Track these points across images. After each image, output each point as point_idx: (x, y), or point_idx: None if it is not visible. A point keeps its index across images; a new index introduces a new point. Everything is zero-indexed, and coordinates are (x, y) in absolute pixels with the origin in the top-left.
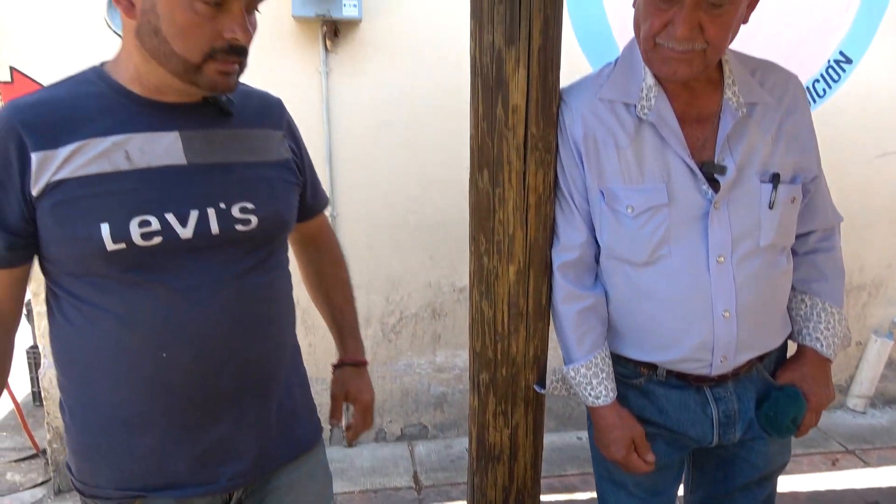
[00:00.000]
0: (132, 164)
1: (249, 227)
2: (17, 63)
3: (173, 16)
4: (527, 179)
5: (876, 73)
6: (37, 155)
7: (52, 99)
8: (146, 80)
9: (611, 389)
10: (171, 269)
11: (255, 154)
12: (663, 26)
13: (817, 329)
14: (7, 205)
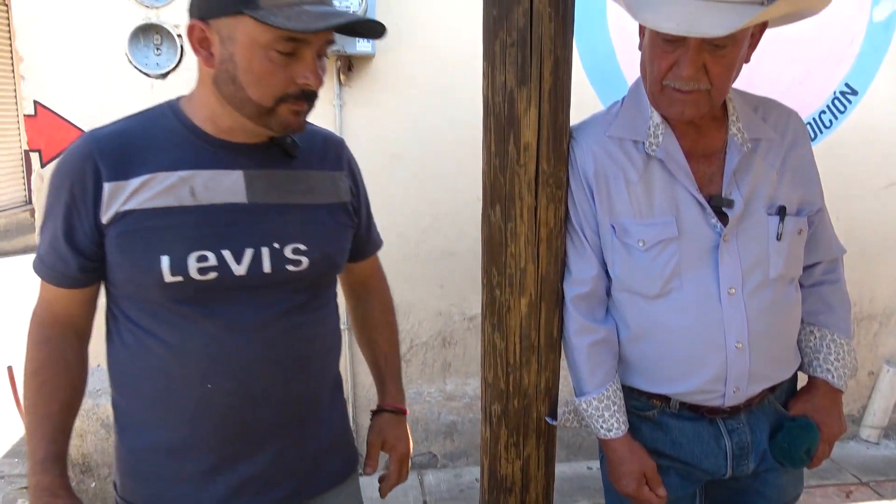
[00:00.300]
0: (196, 199)
1: (300, 267)
2: (41, 97)
3: (250, 65)
4: (538, 214)
5: (881, 105)
6: (109, 185)
7: (127, 131)
8: (219, 122)
9: (622, 422)
10: (221, 304)
11: (313, 196)
12: (669, 68)
13: (827, 360)
14: (81, 229)
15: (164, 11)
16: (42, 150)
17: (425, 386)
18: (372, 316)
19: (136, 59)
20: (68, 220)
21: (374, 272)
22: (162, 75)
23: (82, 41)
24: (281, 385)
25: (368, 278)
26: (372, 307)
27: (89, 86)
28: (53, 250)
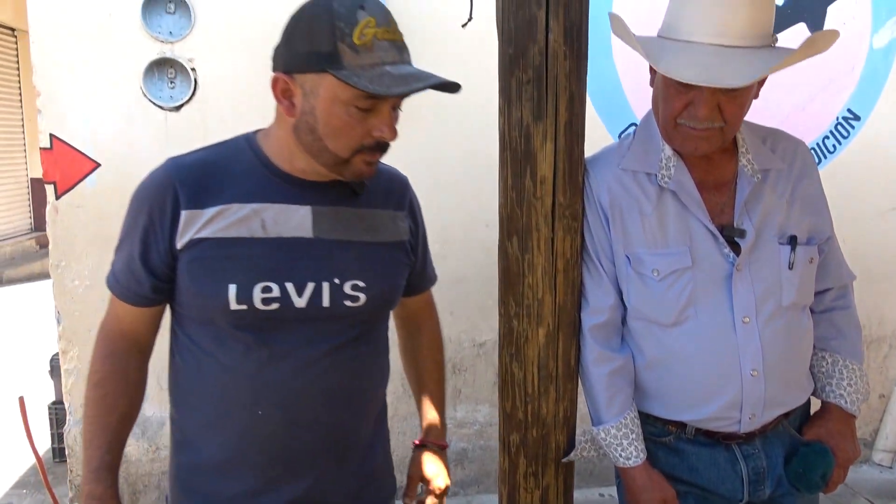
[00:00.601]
0: (266, 232)
1: (357, 303)
2: (56, 131)
3: (330, 119)
4: (555, 245)
5: (884, 129)
6: (186, 212)
7: (206, 161)
8: (294, 162)
9: (640, 450)
10: (278, 334)
11: (375, 234)
12: (684, 107)
13: (840, 385)
14: (157, 252)
15: (178, 46)
16: (57, 182)
17: None
18: (421, 354)
19: (150, 92)
20: (145, 243)
21: (426, 307)
22: (176, 108)
23: (98, 75)
24: (327, 415)
25: (420, 314)
26: (421, 344)
27: (105, 119)
28: (128, 269)
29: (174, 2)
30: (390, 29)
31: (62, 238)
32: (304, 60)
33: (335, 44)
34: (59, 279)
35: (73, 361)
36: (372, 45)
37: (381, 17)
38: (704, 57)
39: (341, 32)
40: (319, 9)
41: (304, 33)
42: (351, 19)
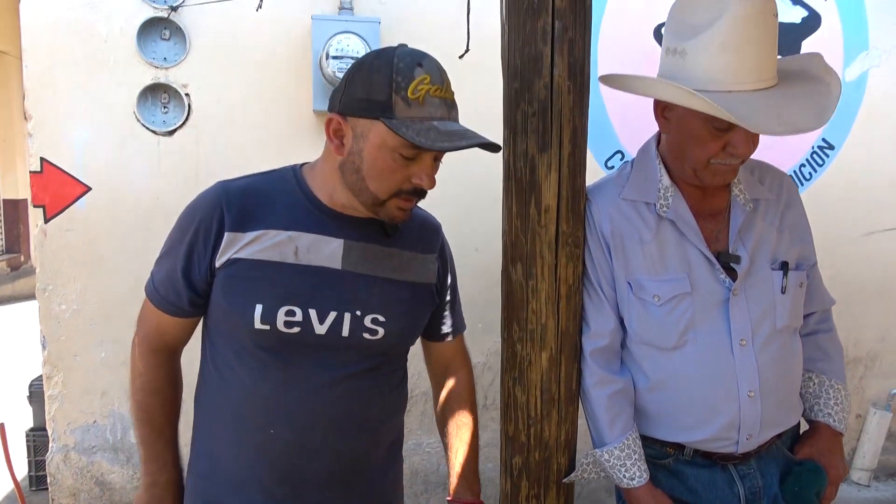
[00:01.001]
0: (297, 258)
1: (376, 337)
2: (47, 154)
3: (375, 162)
4: (558, 272)
5: (857, 158)
6: (228, 234)
7: (254, 188)
8: (335, 197)
9: (644, 470)
10: (297, 357)
11: (402, 273)
12: (721, 148)
13: (827, 405)
14: (198, 268)
15: (172, 71)
16: (47, 206)
17: (425, 437)
18: (452, 411)
19: (143, 116)
20: (189, 258)
21: (459, 356)
22: (169, 132)
23: (92, 100)
24: (337, 441)
25: (450, 364)
26: (451, 401)
27: (98, 143)
28: (169, 282)
29: (169, 28)
30: (443, 87)
31: (49, 262)
32: (359, 106)
33: (391, 95)
34: (46, 303)
35: (58, 387)
36: (424, 100)
37: (436, 76)
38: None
39: (398, 85)
40: (381, 61)
41: (364, 81)
42: (408, 74)
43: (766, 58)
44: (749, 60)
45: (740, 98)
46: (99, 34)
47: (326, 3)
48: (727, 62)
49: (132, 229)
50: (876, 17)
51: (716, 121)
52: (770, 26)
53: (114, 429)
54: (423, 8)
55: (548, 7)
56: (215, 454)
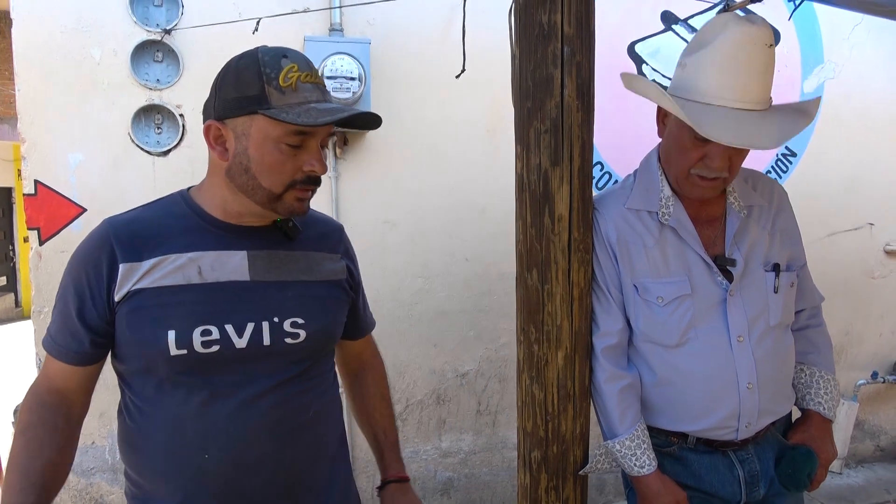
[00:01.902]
0: (202, 278)
1: (298, 340)
2: (41, 177)
3: (262, 157)
4: (571, 276)
5: (817, 164)
6: (124, 266)
7: (142, 218)
8: (229, 208)
9: (652, 459)
10: (220, 375)
11: (311, 274)
12: (699, 159)
13: (818, 394)
14: (94, 307)
15: (165, 93)
16: (41, 228)
17: (421, 444)
18: (368, 391)
19: (138, 137)
20: (81, 299)
21: (368, 347)
22: (163, 152)
23: (86, 122)
24: (275, 453)
25: (362, 354)
26: (367, 382)
27: (92, 164)
28: (66, 328)
29: (162, 50)
30: (311, 73)
31: (45, 284)
32: (234, 105)
33: (263, 87)
34: (42, 325)
35: None
36: (296, 86)
37: (303, 64)
38: (735, 121)
39: (268, 77)
40: (246, 60)
41: (234, 81)
42: (276, 66)
43: (752, 81)
44: (734, 80)
45: (714, 110)
46: (92, 57)
47: (317, 25)
48: (713, 78)
49: None
50: (829, 33)
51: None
52: (761, 54)
53: (112, 449)
54: (409, 27)
55: (557, 33)
56: (153, 493)
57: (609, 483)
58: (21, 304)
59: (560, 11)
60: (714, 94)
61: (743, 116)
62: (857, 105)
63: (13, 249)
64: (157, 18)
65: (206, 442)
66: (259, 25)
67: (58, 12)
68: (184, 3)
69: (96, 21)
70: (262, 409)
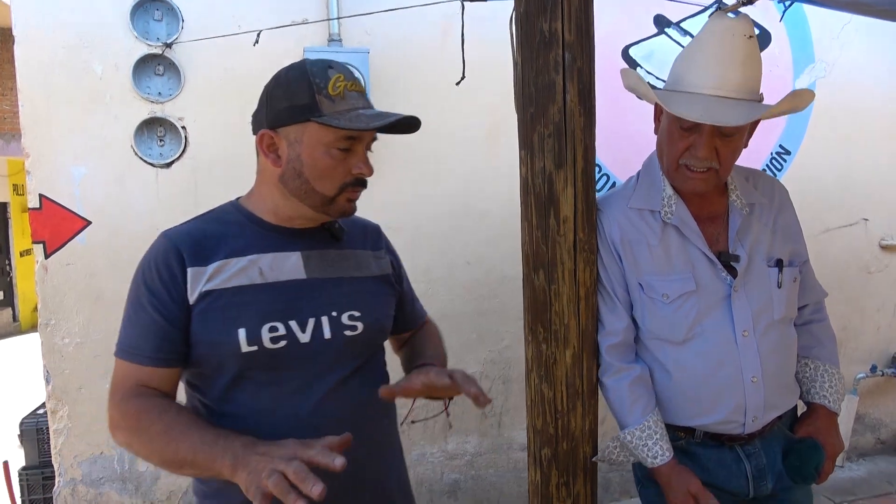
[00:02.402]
0: (264, 278)
1: (356, 332)
2: (46, 191)
3: (315, 161)
4: (577, 276)
5: (811, 161)
6: (191, 269)
7: (198, 228)
8: (281, 212)
9: (666, 449)
10: (289, 372)
11: (360, 270)
12: (686, 149)
13: (823, 388)
14: (176, 308)
15: (168, 105)
16: (47, 241)
17: (427, 447)
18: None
19: (140, 150)
20: (163, 302)
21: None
22: (166, 164)
23: (89, 135)
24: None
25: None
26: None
27: (96, 177)
28: (153, 335)
29: (163, 64)
30: (356, 82)
31: (51, 296)
32: (287, 114)
33: (314, 96)
34: (49, 338)
35: (64, 421)
36: (344, 94)
37: (348, 74)
38: (708, 104)
39: (317, 87)
40: (295, 72)
41: (285, 92)
42: (324, 76)
43: (730, 70)
44: (712, 69)
45: (691, 97)
46: (94, 71)
47: (316, 36)
48: (694, 68)
49: (133, 261)
50: (819, 32)
51: (682, 120)
52: (739, 44)
53: (121, 459)
54: (406, 37)
55: (558, 40)
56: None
57: (614, 482)
58: (18, 319)
59: (560, 19)
60: (695, 84)
61: (719, 101)
62: (849, 102)
63: (9, 264)
64: (158, 32)
65: (278, 434)
66: (259, 38)
67: (59, 28)
68: (184, 17)
69: (97, 36)
70: (329, 403)
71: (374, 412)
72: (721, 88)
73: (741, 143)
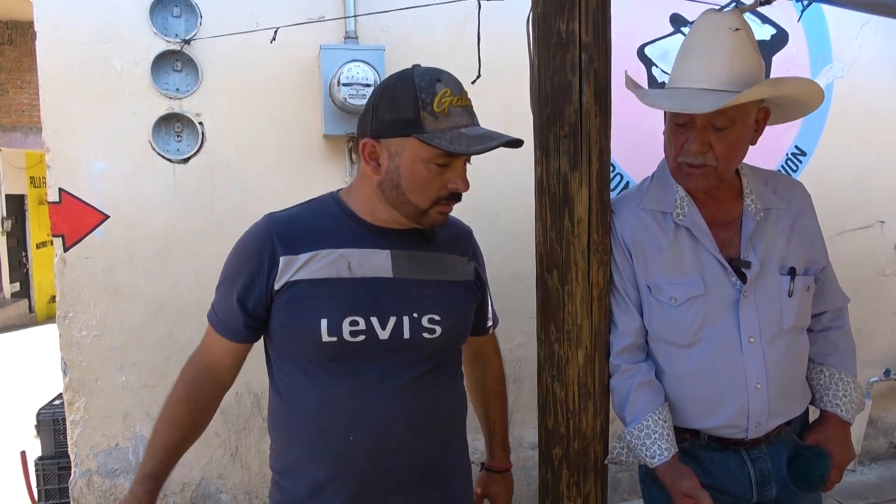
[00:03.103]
0: (352, 273)
1: (434, 335)
2: (65, 185)
3: (412, 175)
4: (590, 277)
5: (827, 162)
6: (283, 258)
7: (299, 216)
8: (377, 214)
9: (665, 449)
10: (365, 365)
11: (446, 274)
12: (682, 146)
13: (836, 396)
14: (255, 294)
15: (185, 101)
16: (66, 235)
17: None
18: (486, 388)
19: (158, 145)
20: (247, 286)
21: (491, 345)
22: (184, 160)
23: (108, 131)
24: (412, 441)
25: (484, 351)
26: (487, 379)
27: (114, 172)
28: (226, 307)
29: (181, 60)
30: (462, 97)
31: (70, 289)
32: (390, 127)
33: (418, 112)
34: (66, 330)
35: (80, 412)
36: (448, 111)
37: (455, 88)
38: (686, 94)
39: (423, 102)
40: (403, 82)
41: (391, 104)
42: (430, 91)
43: (715, 63)
44: (697, 63)
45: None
46: (114, 68)
47: (333, 33)
48: (682, 63)
49: (150, 255)
50: (837, 32)
51: (675, 117)
52: (725, 37)
53: (136, 451)
54: (422, 34)
55: (575, 41)
56: (298, 467)
57: (623, 481)
58: (34, 310)
59: (578, 20)
60: (682, 79)
61: (702, 93)
62: (866, 103)
63: (26, 256)
64: (177, 29)
65: (351, 425)
66: (276, 35)
67: (80, 24)
68: (202, 14)
69: (117, 32)
70: (402, 399)
71: (444, 412)
72: (706, 81)
73: (740, 139)
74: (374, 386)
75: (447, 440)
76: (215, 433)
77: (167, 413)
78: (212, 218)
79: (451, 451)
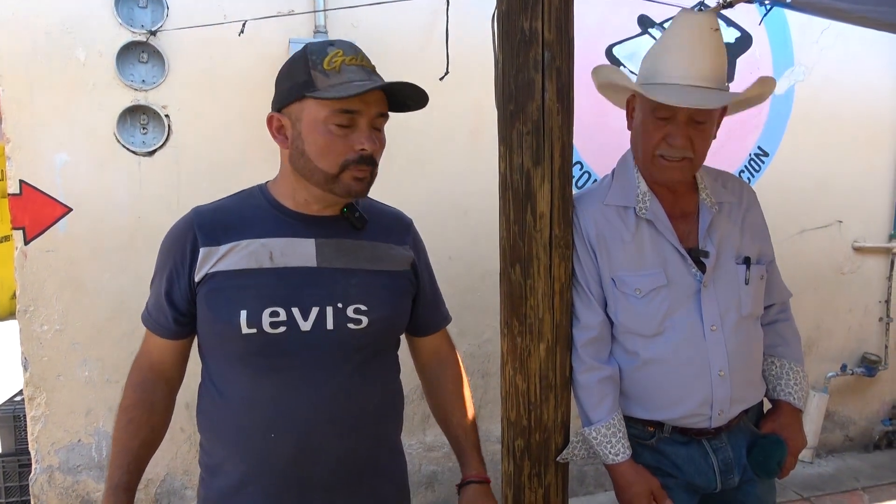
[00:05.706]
0: (273, 262)
1: (360, 326)
2: (26, 177)
3: (314, 138)
4: (552, 271)
5: (789, 163)
6: (203, 250)
7: (224, 207)
8: (298, 197)
9: (626, 447)
10: (288, 360)
11: (376, 263)
12: (662, 139)
13: (788, 385)
14: (178, 287)
15: (151, 93)
16: (27, 227)
17: (406, 438)
18: (446, 389)
19: (123, 138)
20: (170, 281)
21: (445, 345)
22: (149, 153)
23: (71, 122)
24: (338, 441)
25: (440, 351)
26: (445, 380)
27: (78, 164)
28: (157, 304)
29: (147, 51)
30: (357, 57)
31: (31, 283)
32: (287, 94)
33: (309, 72)
34: (27, 324)
35: (41, 408)
36: (340, 68)
37: (349, 50)
38: (681, 90)
39: (313, 63)
40: (297, 54)
41: (286, 74)
42: (321, 52)
43: (700, 60)
44: (683, 60)
45: (666, 87)
46: (77, 58)
47: (302, 28)
48: (666, 60)
49: (114, 249)
50: (799, 37)
51: (657, 111)
52: (707, 36)
53: (99, 447)
54: (393, 30)
55: (538, 39)
56: (219, 466)
57: (589, 475)
58: None
59: (541, 18)
60: (668, 74)
61: (693, 89)
62: (827, 106)
63: None
64: (143, 20)
65: (273, 424)
66: (244, 28)
67: (43, 14)
68: (169, 5)
69: (81, 22)
70: (327, 396)
71: (375, 410)
72: (692, 78)
73: (711, 132)
74: (298, 382)
75: (378, 440)
76: (180, 428)
77: (122, 420)
78: (177, 212)
79: (383, 451)
